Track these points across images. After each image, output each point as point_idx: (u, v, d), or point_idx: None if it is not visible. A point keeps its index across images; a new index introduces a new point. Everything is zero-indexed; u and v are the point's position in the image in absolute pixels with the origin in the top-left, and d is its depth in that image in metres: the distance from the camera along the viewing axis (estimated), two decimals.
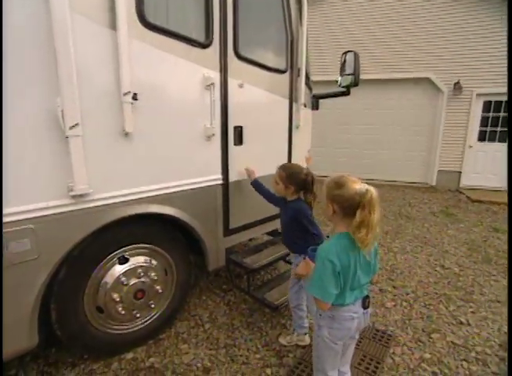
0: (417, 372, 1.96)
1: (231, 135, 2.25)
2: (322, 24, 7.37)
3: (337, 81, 3.09)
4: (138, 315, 2.01)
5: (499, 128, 6.70)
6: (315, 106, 3.30)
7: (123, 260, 1.91)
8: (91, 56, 1.54)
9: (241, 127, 2.31)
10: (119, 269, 1.89)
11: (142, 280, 1.96)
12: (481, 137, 6.84)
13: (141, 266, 1.96)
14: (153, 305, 2.07)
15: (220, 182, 2.26)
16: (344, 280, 1.23)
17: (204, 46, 2.02)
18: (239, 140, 2.31)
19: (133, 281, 1.93)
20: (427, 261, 3.56)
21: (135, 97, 1.70)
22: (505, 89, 6.16)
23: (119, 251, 1.88)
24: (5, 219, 1.38)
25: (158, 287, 2.05)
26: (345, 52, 3.01)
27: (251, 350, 2.10)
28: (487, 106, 6.70)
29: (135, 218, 1.82)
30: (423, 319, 2.49)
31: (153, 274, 2.01)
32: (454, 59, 6.59)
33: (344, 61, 2.99)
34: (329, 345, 1.36)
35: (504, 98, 6.46)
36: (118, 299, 1.87)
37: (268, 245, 2.75)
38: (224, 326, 2.34)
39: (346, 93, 3.12)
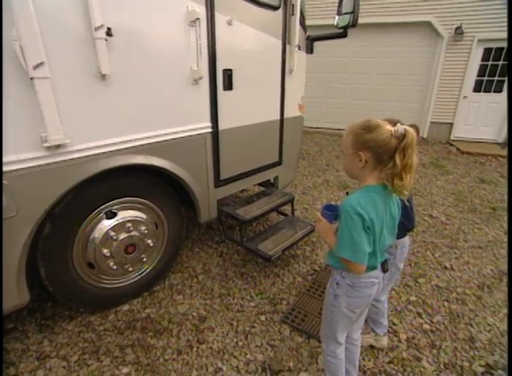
0: (403, 313, 2.07)
1: (220, 79, 2.06)
2: None
3: (334, 24, 2.82)
4: (130, 269, 2.00)
5: (496, 78, 6.48)
6: (309, 49, 3.04)
7: (110, 215, 1.84)
8: None
9: (231, 70, 2.10)
10: (107, 223, 1.82)
11: (132, 234, 1.92)
12: (477, 87, 6.64)
13: (130, 220, 1.90)
14: (145, 259, 2.05)
15: (209, 130, 2.11)
16: (373, 237, 1.08)
17: None
18: (229, 85, 2.12)
19: (122, 236, 1.88)
20: (416, 211, 3.62)
21: (109, 33, 1.48)
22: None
23: (105, 205, 1.79)
24: None
25: (149, 241, 2.02)
26: None
27: (245, 299, 2.16)
28: (487, 53, 6.39)
29: (119, 170, 1.71)
30: (411, 265, 2.58)
31: (143, 228, 1.96)
32: (456, 1, 6.11)
33: None
34: (346, 315, 1.24)
35: (506, 44, 6.14)
36: (108, 254, 1.84)
37: (261, 196, 2.71)
38: (218, 276, 2.38)
39: (343, 35, 2.86)
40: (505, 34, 5.95)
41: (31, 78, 1.28)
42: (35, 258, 1.62)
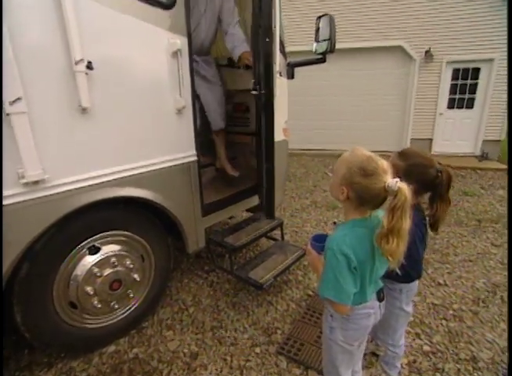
0: None
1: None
2: None
3: (312, 50, 2.93)
4: (116, 306, 1.89)
5: (466, 95, 6.86)
6: (290, 75, 3.13)
7: (94, 250, 1.75)
8: (28, 13, 1.28)
9: None
10: (90, 259, 1.73)
11: (117, 269, 1.82)
12: (450, 104, 6.99)
13: (114, 255, 1.81)
14: (131, 295, 1.95)
15: (194, 158, 2.09)
16: (361, 276, 1.03)
17: (167, 7, 1.78)
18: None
19: (107, 271, 1.78)
20: None
21: (89, 66, 1.47)
22: (472, 56, 6.38)
23: (88, 240, 1.71)
24: None
25: (135, 276, 1.92)
26: (319, 17, 2.82)
27: (239, 330, 2.06)
28: (455, 73, 6.81)
29: (102, 203, 1.65)
30: None
31: (128, 262, 1.87)
32: (424, 27, 6.57)
33: (319, 27, 2.83)
34: (344, 349, 1.18)
35: (471, 65, 6.59)
36: (92, 292, 1.73)
37: (250, 222, 2.66)
38: (209, 308, 2.27)
39: (322, 60, 2.97)
40: (468, 56, 6.51)
41: (7, 114, 1.25)
42: (10, 302, 1.51)
